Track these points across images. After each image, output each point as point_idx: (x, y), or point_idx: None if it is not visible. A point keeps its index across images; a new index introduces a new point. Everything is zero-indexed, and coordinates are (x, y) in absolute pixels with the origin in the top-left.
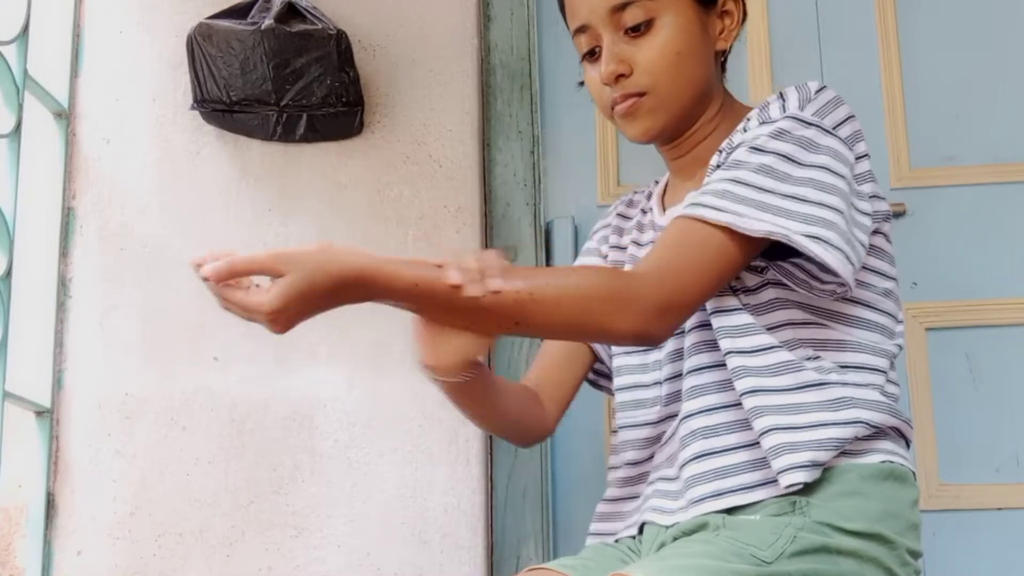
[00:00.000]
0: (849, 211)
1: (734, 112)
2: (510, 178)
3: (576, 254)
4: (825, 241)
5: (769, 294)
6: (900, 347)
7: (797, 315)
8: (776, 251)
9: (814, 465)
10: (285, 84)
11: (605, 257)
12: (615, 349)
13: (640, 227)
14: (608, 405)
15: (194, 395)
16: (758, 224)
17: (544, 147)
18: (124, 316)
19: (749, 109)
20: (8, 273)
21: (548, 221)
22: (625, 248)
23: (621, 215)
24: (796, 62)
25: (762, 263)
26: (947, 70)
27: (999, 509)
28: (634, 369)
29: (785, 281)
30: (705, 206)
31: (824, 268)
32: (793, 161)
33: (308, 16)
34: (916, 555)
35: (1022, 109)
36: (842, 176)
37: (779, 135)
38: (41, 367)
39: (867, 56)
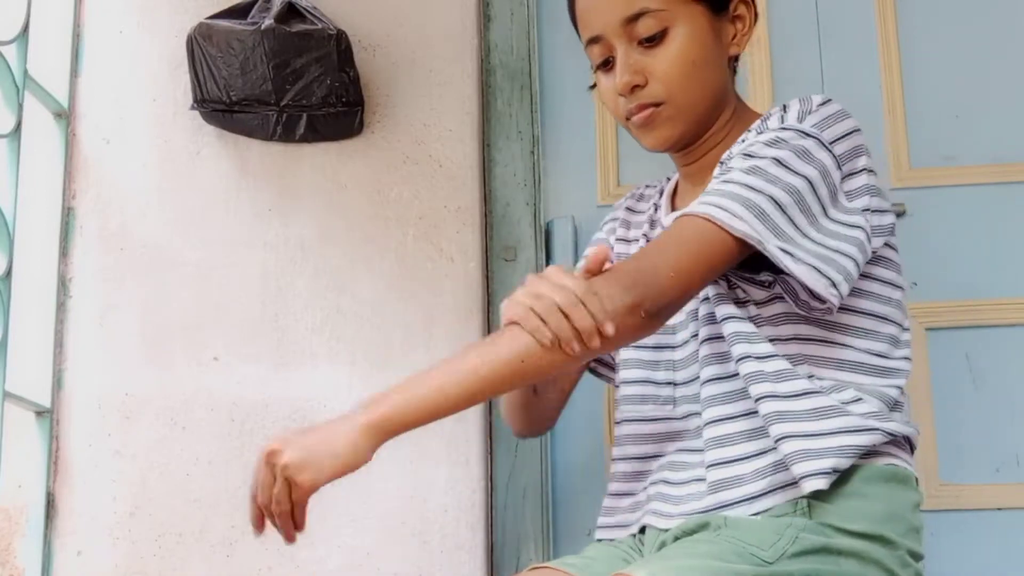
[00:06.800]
0: (820, 224)
1: (744, 119)
2: (510, 178)
3: (576, 254)
4: (793, 256)
5: (776, 308)
6: (908, 358)
7: (803, 329)
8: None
9: (834, 472)
10: (285, 84)
11: (611, 249)
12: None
13: (652, 223)
14: (607, 407)
15: (194, 395)
16: (739, 224)
17: (544, 147)
18: (124, 316)
19: (757, 116)
20: (8, 273)
21: (548, 221)
22: (635, 241)
23: (630, 209)
24: (796, 62)
25: (769, 277)
26: (947, 70)
27: (999, 509)
28: (644, 364)
29: (787, 297)
30: (697, 203)
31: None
32: (784, 166)
33: (308, 16)
34: (918, 557)
35: (1022, 109)
36: (819, 195)
37: (775, 143)
38: (41, 367)
39: (867, 56)
